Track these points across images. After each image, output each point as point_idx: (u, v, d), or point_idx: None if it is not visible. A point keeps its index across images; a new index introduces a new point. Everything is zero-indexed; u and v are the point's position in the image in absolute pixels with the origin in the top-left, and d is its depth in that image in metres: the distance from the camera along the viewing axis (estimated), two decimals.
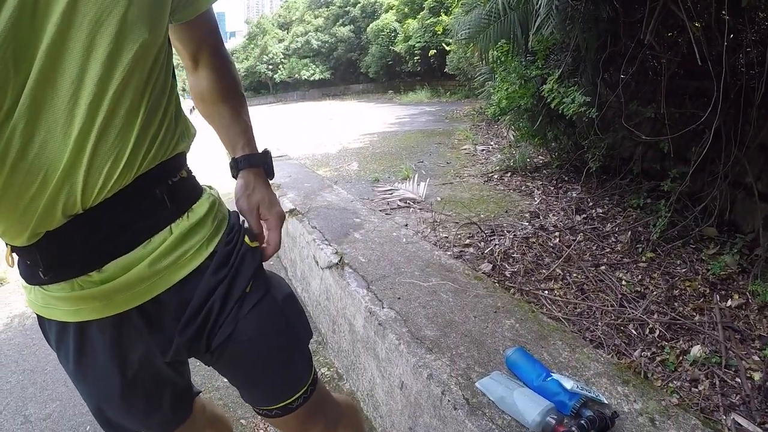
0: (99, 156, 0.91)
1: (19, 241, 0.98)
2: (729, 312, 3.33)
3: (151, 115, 1.00)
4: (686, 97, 4.70)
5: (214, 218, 1.17)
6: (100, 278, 1.01)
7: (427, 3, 25.40)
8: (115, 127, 0.92)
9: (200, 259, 1.11)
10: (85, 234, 0.97)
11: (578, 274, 3.84)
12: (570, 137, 6.29)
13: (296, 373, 1.30)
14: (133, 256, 1.02)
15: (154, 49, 0.96)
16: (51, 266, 1.00)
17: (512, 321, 2.13)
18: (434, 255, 2.82)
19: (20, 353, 3.75)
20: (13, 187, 0.87)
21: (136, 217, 1.02)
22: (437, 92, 25.94)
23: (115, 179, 0.94)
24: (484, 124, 12.62)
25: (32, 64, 0.81)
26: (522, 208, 5.40)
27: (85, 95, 0.86)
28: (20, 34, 0.78)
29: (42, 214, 0.91)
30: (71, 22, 0.82)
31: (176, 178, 1.09)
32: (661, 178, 4.67)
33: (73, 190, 0.91)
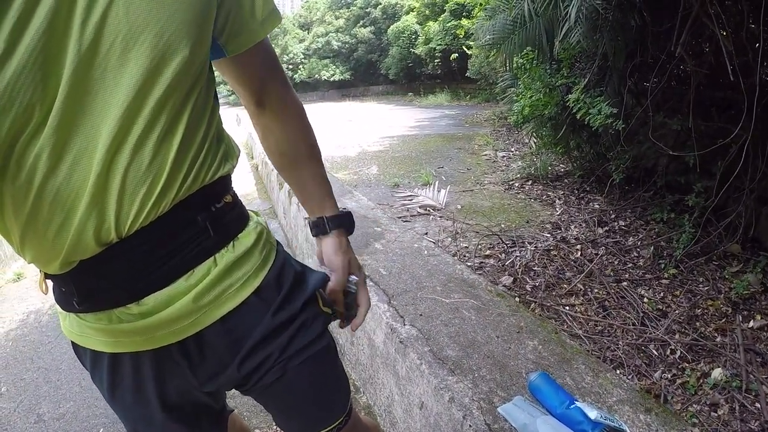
0: (132, 181, 0.87)
1: (51, 269, 0.93)
2: (751, 333, 3.28)
3: (190, 137, 0.94)
4: (713, 109, 4.64)
5: (262, 249, 1.10)
6: (139, 311, 0.96)
7: (449, 6, 25.34)
8: (150, 149, 0.87)
9: (246, 293, 1.05)
10: (122, 264, 0.92)
11: (600, 290, 3.80)
12: (593, 146, 6.25)
13: (336, 407, 1.29)
14: (175, 289, 0.97)
15: (193, 68, 0.90)
16: (86, 296, 0.96)
17: (535, 342, 2.10)
18: (456, 269, 2.79)
19: (35, 350, 3.78)
20: (41, 212, 0.84)
21: (177, 248, 0.96)
22: (457, 95, 25.90)
23: (151, 205, 0.89)
24: (504, 129, 12.58)
25: (61, 80, 0.78)
26: (543, 219, 5.37)
27: (118, 115, 0.82)
28: (50, 48, 0.76)
29: (73, 241, 0.87)
30: (103, 37, 0.79)
31: (220, 204, 1.03)
32: (685, 191, 4.61)
33: (105, 216, 0.87)
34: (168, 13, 0.83)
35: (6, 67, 0.73)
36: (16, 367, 3.55)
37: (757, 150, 3.82)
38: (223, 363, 1.07)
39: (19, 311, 4.52)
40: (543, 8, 5.02)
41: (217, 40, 1.03)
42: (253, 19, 1.04)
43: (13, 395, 3.21)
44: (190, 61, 0.87)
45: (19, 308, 4.59)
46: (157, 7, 0.81)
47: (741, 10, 3.85)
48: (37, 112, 0.77)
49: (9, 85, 0.74)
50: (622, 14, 4.35)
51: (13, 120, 0.76)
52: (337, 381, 1.28)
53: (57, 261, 0.90)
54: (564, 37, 4.65)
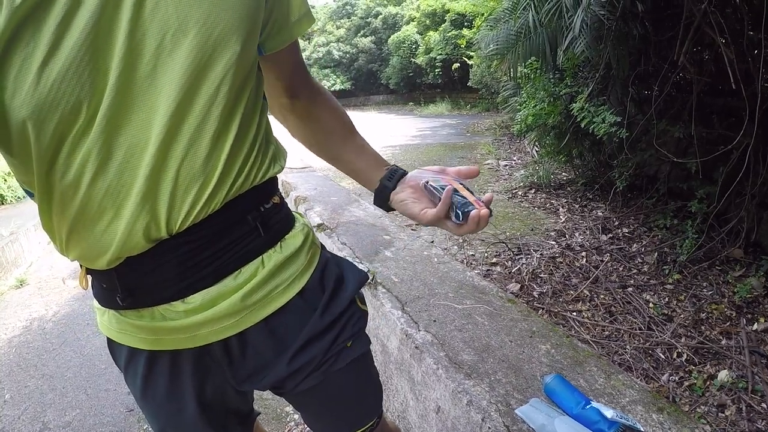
0: (185, 178, 0.86)
1: (97, 265, 0.93)
2: (755, 336, 3.33)
3: (243, 135, 0.93)
4: (713, 116, 4.70)
5: (308, 251, 1.10)
6: (185, 309, 0.95)
7: (449, 15, 25.43)
8: (203, 146, 0.86)
9: (291, 294, 1.05)
10: (171, 261, 0.92)
11: (605, 296, 3.84)
12: (595, 155, 6.29)
13: (370, 410, 1.29)
14: (222, 287, 0.96)
15: (244, 64, 0.89)
16: (130, 292, 0.95)
17: (548, 346, 2.14)
18: (467, 276, 2.83)
19: (39, 357, 3.78)
20: (90, 209, 0.85)
21: (227, 246, 0.96)
22: (458, 104, 25.95)
23: (203, 203, 0.89)
24: (506, 138, 12.64)
25: (108, 77, 0.78)
26: (548, 227, 5.41)
27: (169, 112, 0.82)
28: (98, 44, 0.76)
29: (122, 238, 0.87)
30: (153, 32, 0.79)
31: (269, 204, 1.03)
32: (687, 197, 4.66)
33: (156, 214, 0.87)
34: (219, 8, 0.83)
35: (52, 64, 0.73)
36: (20, 374, 3.55)
37: (758, 155, 3.86)
38: (264, 362, 1.07)
39: (22, 318, 4.52)
40: (547, 19, 5.07)
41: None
42: (290, 19, 1.05)
43: (17, 402, 3.21)
44: (240, 56, 0.87)
45: (22, 315, 4.59)
46: (208, 4, 0.81)
47: (741, 18, 3.91)
48: (84, 110, 0.77)
49: (56, 82, 0.74)
50: (625, 24, 4.41)
51: (61, 118, 0.76)
52: (373, 384, 1.29)
53: (104, 258, 0.90)
54: (568, 46, 4.71)
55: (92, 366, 3.59)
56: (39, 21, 0.71)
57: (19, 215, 7.50)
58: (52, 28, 0.72)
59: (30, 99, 0.74)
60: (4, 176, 9.16)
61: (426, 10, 29.28)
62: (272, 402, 2.91)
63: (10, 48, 0.71)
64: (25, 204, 8.85)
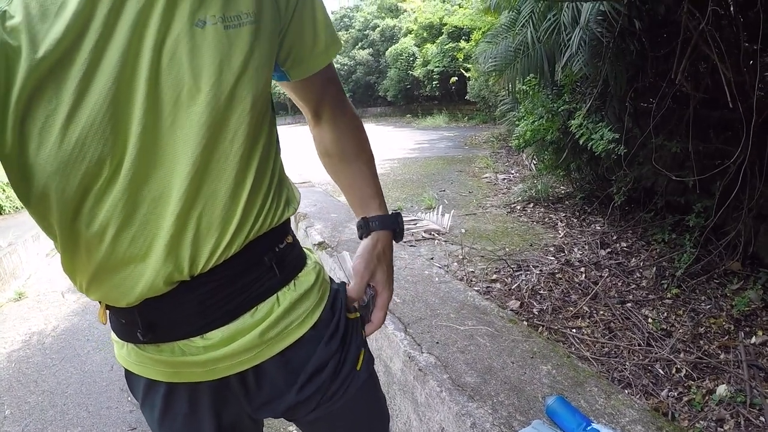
0: (206, 227, 0.90)
1: (118, 305, 0.96)
2: (753, 349, 3.35)
3: (259, 181, 0.97)
4: (710, 130, 4.72)
5: (320, 287, 1.14)
6: (204, 345, 0.99)
7: (446, 28, 25.51)
8: (222, 196, 0.90)
9: (305, 329, 1.09)
10: (191, 301, 0.96)
11: (605, 312, 3.87)
12: (593, 169, 6.32)
13: None
14: (240, 324, 1.00)
15: (258, 113, 0.93)
16: (150, 328, 0.98)
17: (549, 367, 2.18)
18: (468, 296, 2.87)
19: (39, 373, 3.77)
20: (115, 258, 0.88)
21: (245, 286, 0.99)
22: (455, 117, 25.97)
23: (223, 248, 0.93)
24: (504, 151, 12.66)
25: (130, 133, 0.81)
26: (546, 242, 5.43)
27: (190, 166, 0.85)
28: (118, 101, 0.79)
29: (145, 284, 0.90)
30: (169, 90, 0.82)
31: (282, 244, 1.07)
32: (685, 211, 4.69)
33: (178, 261, 0.90)
34: (231, 63, 0.86)
35: (76, 121, 0.76)
36: (20, 390, 3.54)
37: (754, 169, 3.89)
38: (278, 392, 1.10)
39: (21, 332, 4.52)
40: (546, 36, 5.13)
41: (280, 67, 1.07)
42: (315, 48, 1.08)
43: (17, 419, 3.20)
44: (253, 107, 0.90)
45: (21, 329, 4.59)
46: (220, 57, 0.84)
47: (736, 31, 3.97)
48: (108, 164, 0.80)
49: (80, 139, 0.77)
50: (623, 41, 4.46)
51: (85, 173, 0.79)
52: (381, 410, 1.31)
53: (125, 299, 0.93)
54: (566, 63, 4.76)
55: (93, 383, 3.59)
56: (60, 78, 0.75)
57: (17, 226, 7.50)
58: (74, 85, 0.75)
59: (55, 156, 0.77)
60: (2, 186, 9.14)
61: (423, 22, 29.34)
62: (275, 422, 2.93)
63: (32, 104, 0.75)
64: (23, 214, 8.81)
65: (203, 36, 0.83)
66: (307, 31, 1.05)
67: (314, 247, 4.23)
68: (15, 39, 0.73)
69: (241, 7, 0.87)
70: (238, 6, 0.87)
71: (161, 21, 0.80)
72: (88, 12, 0.75)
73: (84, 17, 0.75)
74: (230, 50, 0.86)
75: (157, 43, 0.80)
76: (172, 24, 0.81)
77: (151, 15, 0.79)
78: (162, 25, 0.80)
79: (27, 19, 0.73)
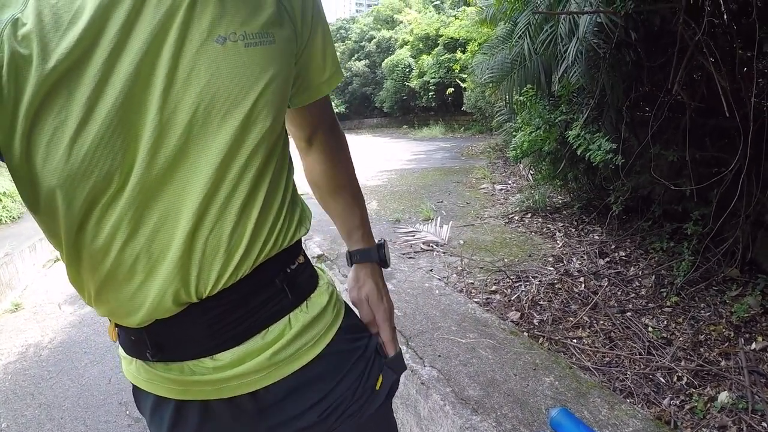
0: (214, 247, 0.89)
1: (127, 323, 0.95)
2: (754, 355, 3.36)
3: (269, 202, 0.96)
4: (706, 138, 4.75)
5: (333, 308, 1.14)
6: (213, 366, 0.98)
7: (442, 39, 25.61)
8: (233, 217, 0.89)
9: (317, 351, 1.07)
10: (200, 324, 0.95)
11: (605, 321, 3.88)
12: (590, 178, 6.33)
13: None
14: (251, 346, 0.99)
15: (274, 134, 0.93)
16: (159, 349, 0.97)
17: (551, 378, 2.19)
18: (468, 308, 2.88)
19: (36, 386, 3.74)
20: (119, 273, 0.87)
21: (255, 308, 0.99)
22: (451, 127, 26.04)
23: (231, 271, 0.92)
24: (500, 161, 12.68)
25: (139, 149, 0.80)
26: (545, 252, 5.44)
27: (201, 185, 0.84)
28: (129, 117, 0.78)
29: (153, 302, 0.89)
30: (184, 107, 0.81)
31: (294, 265, 1.07)
32: (682, 219, 4.70)
33: (186, 280, 0.89)
34: (251, 83, 0.86)
35: (85, 135, 0.75)
36: (17, 403, 3.51)
37: (751, 176, 3.90)
38: (293, 412, 1.08)
39: (17, 344, 4.49)
40: (543, 48, 5.16)
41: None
42: (319, 77, 1.10)
43: None
44: (271, 128, 0.90)
45: (17, 340, 4.56)
46: (239, 76, 0.84)
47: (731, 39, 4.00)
48: (116, 179, 0.80)
49: (88, 152, 0.76)
50: (618, 51, 4.49)
51: (92, 186, 0.79)
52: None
53: (133, 318, 0.92)
54: (563, 74, 4.78)
55: (91, 396, 3.57)
56: (71, 90, 0.74)
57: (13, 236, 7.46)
58: (84, 97, 0.75)
59: (62, 168, 0.76)
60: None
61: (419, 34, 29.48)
62: None
63: (41, 115, 0.74)
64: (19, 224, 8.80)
65: (223, 53, 0.83)
66: (317, 59, 1.07)
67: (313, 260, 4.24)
68: (26, 48, 0.72)
69: (261, 26, 0.88)
70: (259, 24, 0.88)
71: (178, 35, 0.80)
72: (101, 23, 0.75)
73: (97, 28, 0.75)
74: (250, 69, 0.86)
75: (174, 58, 0.80)
76: (191, 39, 0.81)
77: (168, 29, 0.79)
78: (179, 40, 0.80)
79: (39, 27, 0.73)
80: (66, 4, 0.74)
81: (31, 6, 0.73)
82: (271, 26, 0.90)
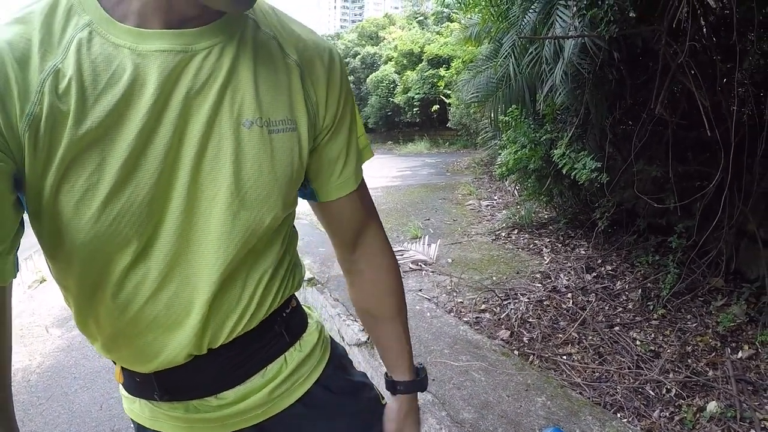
0: (228, 310, 0.96)
1: (136, 370, 1.00)
2: (740, 364, 3.42)
3: (277, 269, 1.04)
4: (688, 152, 4.81)
5: (322, 345, 1.20)
6: (218, 404, 1.04)
7: (426, 56, 25.71)
8: (246, 283, 0.97)
9: (309, 385, 1.14)
10: (209, 370, 1.00)
11: (594, 337, 3.93)
12: (575, 193, 6.40)
13: None
14: (252, 384, 1.06)
15: (285, 213, 0.98)
16: (167, 391, 1.02)
17: (543, 398, 2.23)
18: (459, 330, 2.92)
19: (26, 412, 3.69)
20: (136, 328, 0.92)
21: (257, 351, 1.05)
22: (436, 142, 26.05)
23: (242, 326, 0.99)
24: (486, 176, 12.74)
25: (164, 220, 0.85)
26: (533, 269, 5.48)
27: (221, 256, 0.89)
28: (158, 190, 0.82)
29: (166, 357, 0.94)
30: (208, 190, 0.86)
31: (288, 309, 1.13)
32: (667, 232, 4.75)
33: (199, 339, 0.94)
34: (272, 168, 0.91)
35: (115, 201, 0.79)
36: None
37: (733, 187, 3.96)
38: None
39: None
40: (528, 68, 5.23)
41: (310, 184, 1.07)
42: (349, 168, 1.09)
43: None
44: (284, 207, 0.96)
45: None
46: (262, 161, 0.89)
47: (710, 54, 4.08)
48: (140, 245, 0.84)
49: (117, 218, 0.80)
50: (601, 70, 4.55)
51: (117, 248, 0.83)
52: None
53: (143, 367, 0.98)
54: (547, 93, 4.86)
55: (82, 423, 3.55)
56: (104, 155, 0.78)
57: None
58: (118, 166, 0.78)
59: (90, 228, 0.80)
60: None
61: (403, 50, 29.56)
62: None
63: (72, 172, 0.77)
64: None
65: (249, 137, 0.88)
66: (339, 150, 1.06)
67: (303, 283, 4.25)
68: (65, 104, 0.75)
69: (285, 113, 0.92)
70: (283, 111, 0.92)
71: (209, 116, 0.84)
72: (137, 92, 0.79)
73: (132, 97, 0.79)
74: (273, 154, 0.91)
75: (203, 139, 0.85)
76: (220, 121, 0.86)
77: (200, 109, 0.84)
78: (209, 121, 0.84)
79: (79, 83, 0.76)
80: (104, 61, 0.78)
81: (71, 56, 0.76)
82: (294, 113, 0.94)
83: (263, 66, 0.90)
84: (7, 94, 0.72)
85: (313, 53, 0.97)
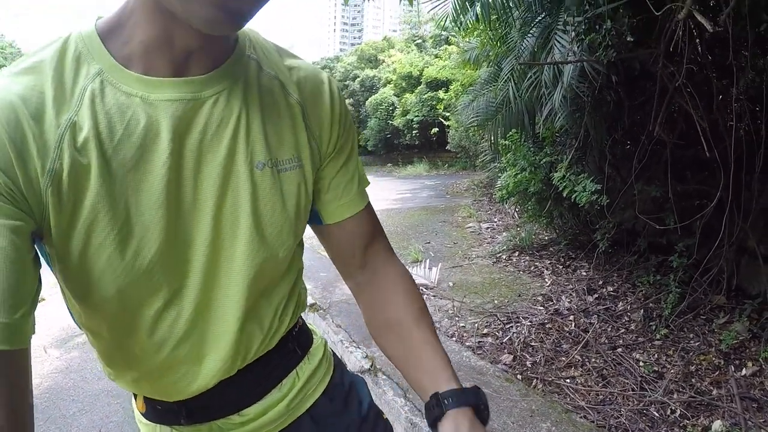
0: (254, 335, 1.01)
1: (165, 399, 1.03)
2: (744, 381, 3.42)
3: (293, 289, 1.11)
4: (686, 171, 4.84)
5: (326, 357, 1.26)
6: (240, 421, 1.09)
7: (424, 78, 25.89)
8: (267, 308, 1.03)
9: (317, 395, 1.20)
10: (233, 391, 1.05)
11: (597, 359, 3.93)
12: (574, 214, 6.43)
13: None
14: (270, 399, 1.11)
15: (297, 241, 1.03)
16: (191, 414, 1.05)
17: (548, 424, 2.23)
18: (463, 356, 2.92)
19: None
20: (167, 366, 0.95)
21: (274, 368, 1.11)
22: (435, 165, 26.18)
23: (265, 347, 1.06)
24: (485, 198, 12.79)
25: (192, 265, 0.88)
26: (534, 292, 5.49)
27: (245, 288, 0.93)
28: (186, 231, 0.86)
29: (197, 386, 0.98)
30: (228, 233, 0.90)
31: (297, 327, 1.18)
32: (667, 251, 4.76)
33: (226, 364, 0.98)
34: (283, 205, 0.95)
35: (146, 250, 0.82)
36: None
37: (732, 204, 3.97)
38: None
39: None
40: (527, 92, 5.27)
41: (314, 206, 1.07)
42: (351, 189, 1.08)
43: None
44: (296, 237, 1.00)
45: None
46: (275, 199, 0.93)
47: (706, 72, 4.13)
48: (170, 291, 0.87)
49: (149, 266, 0.82)
50: (600, 93, 4.59)
51: (147, 293, 0.85)
52: None
53: (173, 397, 1.02)
54: (546, 117, 4.90)
55: None
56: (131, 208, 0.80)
57: None
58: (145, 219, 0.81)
59: (123, 279, 0.81)
60: None
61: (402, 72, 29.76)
62: None
63: (97, 224, 0.77)
64: None
65: (262, 178, 0.91)
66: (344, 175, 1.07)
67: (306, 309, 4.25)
68: (85, 157, 0.75)
69: (290, 152, 0.95)
70: (287, 151, 0.95)
71: (226, 162, 0.87)
72: (152, 142, 0.80)
73: (148, 148, 0.80)
74: (282, 192, 0.94)
75: (223, 184, 0.88)
76: (237, 164, 0.89)
77: (215, 153, 0.86)
78: (227, 167, 0.87)
79: (96, 135, 0.76)
80: (118, 111, 0.78)
81: (85, 108, 0.76)
82: (299, 150, 0.97)
83: (269, 109, 0.93)
84: (26, 151, 0.72)
85: (313, 88, 1.00)
